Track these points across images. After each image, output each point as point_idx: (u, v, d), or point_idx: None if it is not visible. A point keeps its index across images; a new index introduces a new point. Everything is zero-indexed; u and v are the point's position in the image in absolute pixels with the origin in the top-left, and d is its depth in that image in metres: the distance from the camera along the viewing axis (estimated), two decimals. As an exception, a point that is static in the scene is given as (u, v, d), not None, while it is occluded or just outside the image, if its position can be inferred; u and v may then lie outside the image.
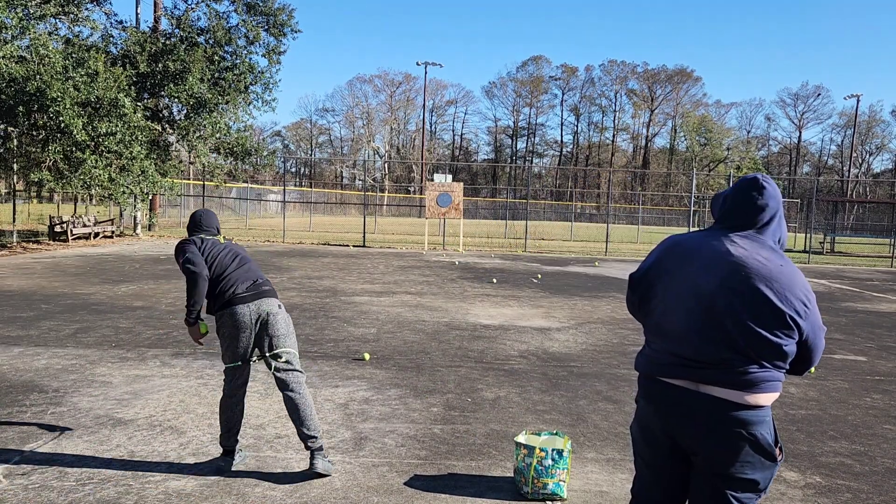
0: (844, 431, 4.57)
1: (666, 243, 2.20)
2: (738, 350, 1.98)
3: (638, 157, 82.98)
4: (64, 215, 19.68)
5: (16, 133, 15.24)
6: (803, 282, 2.01)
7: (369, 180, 63.49)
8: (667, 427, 2.11)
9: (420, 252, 19.35)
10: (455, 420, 4.49)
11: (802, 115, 79.37)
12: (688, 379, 2.04)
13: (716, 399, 2.00)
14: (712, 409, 2.01)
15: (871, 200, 48.89)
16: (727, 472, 2.04)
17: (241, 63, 20.13)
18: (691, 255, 2.09)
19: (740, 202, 2.10)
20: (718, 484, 2.08)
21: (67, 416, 4.28)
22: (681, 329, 2.06)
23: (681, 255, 2.12)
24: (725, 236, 2.07)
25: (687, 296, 2.05)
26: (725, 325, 1.98)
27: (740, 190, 2.11)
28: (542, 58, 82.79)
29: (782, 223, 2.12)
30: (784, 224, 2.14)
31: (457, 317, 8.51)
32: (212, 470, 3.53)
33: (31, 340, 6.34)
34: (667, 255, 2.17)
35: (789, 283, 1.96)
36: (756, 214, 2.08)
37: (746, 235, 2.07)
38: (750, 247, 2.04)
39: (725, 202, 2.14)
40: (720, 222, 2.15)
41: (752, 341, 1.96)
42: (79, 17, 17.25)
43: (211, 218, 3.92)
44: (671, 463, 2.16)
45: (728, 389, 1.99)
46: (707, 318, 2.01)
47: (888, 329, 8.90)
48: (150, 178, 16.46)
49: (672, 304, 2.09)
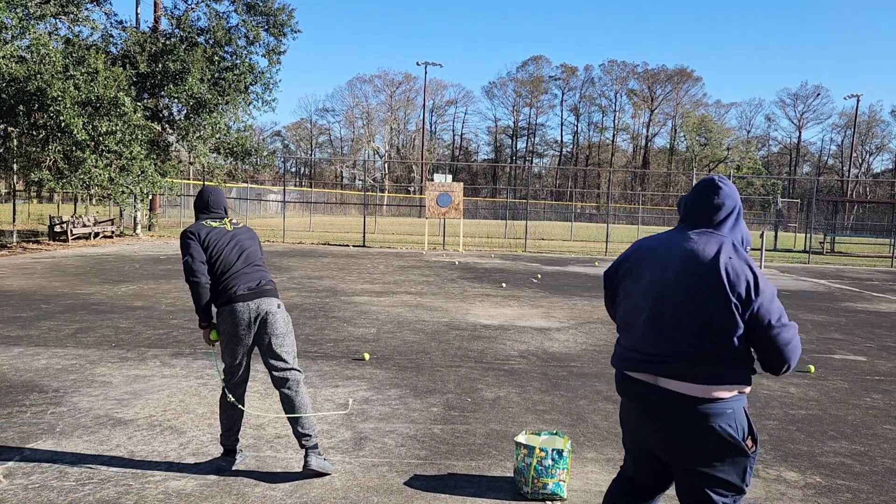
0: (844, 431, 4.57)
1: (634, 244, 2.34)
2: (692, 342, 2.06)
3: (638, 157, 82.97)
4: (64, 215, 19.67)
5: (16, 133, 15.24)
6: (754, 271, 2.07)
7: (369, 180, 63.50)
8: (634, 420, 2.24)
9: (420, 252, 19.35)
10: (455, 420, 4.48)
11: (802, 115, 79.41)
12: (647, 373, 2.14)
13: (672, 393, 2.08)
14: (668, 404, 2.09)
15: (871, 200, 48.89)
16: (695, 468, 2.12)
17: (241, 63, 20.13)
18: (654, 254, 2.22)
19: (699, 202, 2.21)
20: (693, 481, 2.14)
21: (67, 416, 4.28)
22: (641, 324, 2.17)
23: (645, 254, 2.25)
24: (685, 234, 2.20)
25: (647, 292, 2.17)
26: (680, 318, 2.08)
27: (699, 191, 2.23)
28: (543, 58, 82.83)
29: (741, 222, 2.22)
30: (744, 224, 2.24)
31: (457, 317, 8.51)
32: (212, 470, 3.53)
33: (31, 340, 6.33)
34: (634, 254, 2.29)
35: (738, 272, 2.04)
36: (713, 213, 2.19)
37: (702, 232, 2.18)
38: (703, 241, 2.14)
39: (687, 204, 2.26)
40: (683, 222, 2.27)
41: (704, 332, 2.05)
42: (79, 17, 17.26)
43: (219, 197, 3.73)
44: (649, 453, 2.27)
45: (684, 382, 2.07)
46: (664, 313, 2.11)
47: (888, 329, 8.90)
48: (149, 179, 16.46)
49: (635, 301, 2.21)
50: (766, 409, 5.00)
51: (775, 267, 18.81)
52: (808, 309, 10.46)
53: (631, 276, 2.26)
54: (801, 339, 2.18)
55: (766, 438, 4.35)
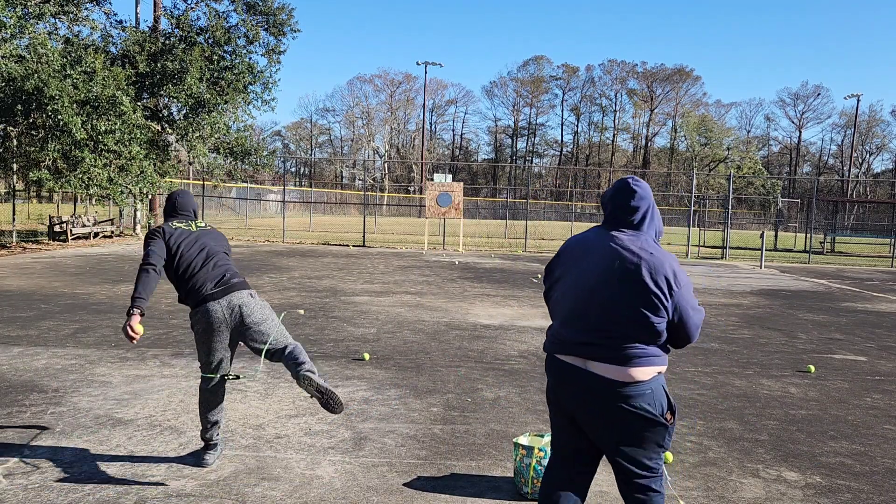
0: (844, 431, 4.57)
1: (566, 242, 2.57)
2: (617, 329, 2.29)
3: (638, 156, 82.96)
4: (63, 215, 19.67)
5: (15, 132, 15.23)
6: (673, 266, 2.31)
7: (369, 180, 63.46)
8: (563, 400, 2.44)
9: (420, 252, 19.34)
10: (455, 420, 4.48)
11: (802, 115, 79.42)
12: (577, 356, 2.37)
13: (597, 376, 2.31)
14: (594, 386, 2.32)
15: (871, 200, 48.87)
16: (620, 446, 2.35)
17: (241, 63, 20.11)
18: (584, 250, 2.44)
19: (618, 205, 2.42)
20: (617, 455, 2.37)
21: (67, 415, 4.28)
22: (571, 312, 2.40)
23: (575, 250, 2.48)
24: (609, 233, 2.41)
25: (577, 284, 2.40)
26: (606, 308, 2.31)
27: (617, 194, 2.43)
28: (543, 58, 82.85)
29: (655, 217, 2.44)
30: (658, 217, 2.46)
31: (457, 317, 8.50)
32: (212, 470, 3.52)
33: (31, 340, 6.33)
34: (568, 250, 2.52)
35: (658, 267, 2.27)
36: (631, 214, 2.41)
37: (625, 231, 2.40)
38: (628, 240, 2.36)
39: (607, 207, 2.47)
40: (606, 222, 2.47)
41: (628, 321, 2.28)
42: (78, 17, 17.24)
43: (187, 200, 3.81)
44: (573, 430, 2.48)
45: (608, 365, 2.29)
46: (591, 303, 2.34)
47: (888, 329, 8.90)
48: (148, 178, 16.44)
49: (566, 291, 2.45)
50: (766, 409, 5.00)
51: (775, 267, 18.81)
52: (808, 309, 10.45)
53: (562, 269, 2.49)
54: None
55: (767, 438, 4.35)
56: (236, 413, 4.42)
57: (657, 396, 2.31)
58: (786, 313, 9.85)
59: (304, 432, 4.14)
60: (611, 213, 2.44)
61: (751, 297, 11.56)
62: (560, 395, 2.45)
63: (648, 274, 2.26)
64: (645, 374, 2.29)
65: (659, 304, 2.26)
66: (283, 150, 75.56)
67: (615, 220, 2.42)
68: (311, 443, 3.97)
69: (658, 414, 2.29)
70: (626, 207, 2.40)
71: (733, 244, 26.27)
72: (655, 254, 2.31)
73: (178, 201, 3.78)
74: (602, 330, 2.31)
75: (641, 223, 2.40)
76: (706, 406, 5.02)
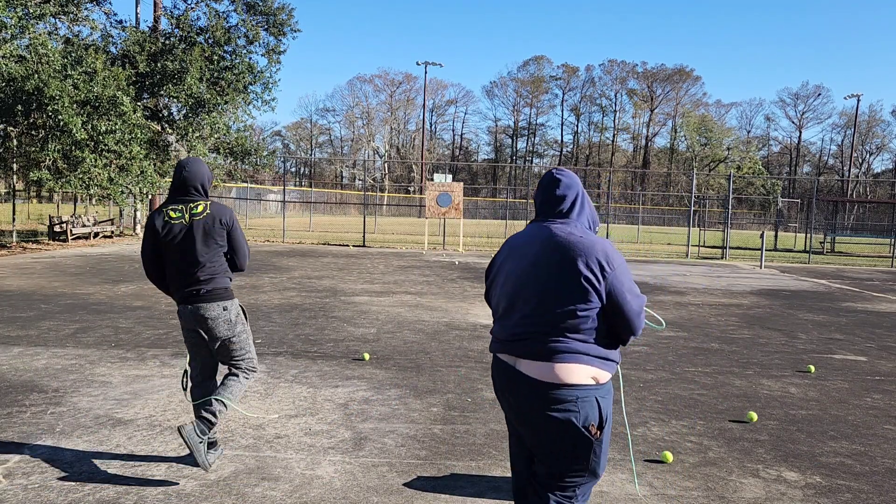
0: (844, 431, 4.56)
1: (506, 241, 2.51)
2: (543, 318, 2.19)
3: (638, 156, 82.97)
4: (63, 215, 19.67)
5: (15, 132, 15.23)
6: (606, 249, 2.20)
7: (369, 180, 63.46)
8: (501, 402, 2.36)
9: (420, 252, 19.35)
10: (455, 420, 4.48)
11: (802, 115, 79.43)
12: (509, 354, 2.28)
13: (525, 377, 2.20)
14: (522, 388, 2.21)
15: (871, 200, 48.87)
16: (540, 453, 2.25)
17: (241, 63, 20.11)
18: (519, 247, 2.38)
19: (546, 196, 2.38)
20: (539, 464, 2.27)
21: (67, 416, 4.28)
22: (505, 309, 2.34)
23: (512, 248, 2.41)
24: (541, 225, 2.36)
25: (510, 280, 2.34)
26: (536, 297, 2.22)
27: (542, 187, 2.41)
28: (544, 58, 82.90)
29: (586, 206, 2.39)
30: (590, 206, 2.41)
31: (457, 317, 8.50)
32: (212, 470, 3.52)
33: (31, 340, 6.33)
34: (505, 249, 2.46)
35: (588, 249, 2.18)
36: (558, 204, 2.36)
37: (555, 221, 2.35)
38: (557, 228, 2.30)
39: (537, 199, 2.43)
40: (538, 215, 2.43)
41: (555, 309, 2.17)
42: (78, 17, 17.24)
43: (192, 173, 3.42)
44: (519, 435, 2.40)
45: (533, 361, 2.18)
46: (520, 295, 2.27)
47: (888, 329, 8.89)
48: (148, 178, 16.44)
49: (501, 289, 2.38)
50: (766, 409, 4.99)
51: (775, 267, 18.81)
52: (808, 309, 10.45)
53: (502, 269, 2.42)
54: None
55: (767, 438, 4.35)
56: (236, 413, 4.42)
57: (585, 406, 2.13)
58: (786, 313, 9.85)
59: (304, 432, 4.14)
60: (540, 205, 2.40)
61: (751, 297, 11.56)
62: (499, 397, 2.38)
63: (578, 257, 2.16)
64: (574, 375, 2.14)
65: (589, 287, 2.13)
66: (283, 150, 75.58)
67: (545, 212, 2.38)
68: (311, 443, 3.97)
69: (580, 424, 2.13)
70: (553, 197, 2.36)
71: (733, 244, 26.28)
72: (585, 237, 2.23)
73: (183, 175, 3.40)
74: (529, 322, 2.21)
75: (570, 211, 2.34)
76: (706, 406, 5.02)
